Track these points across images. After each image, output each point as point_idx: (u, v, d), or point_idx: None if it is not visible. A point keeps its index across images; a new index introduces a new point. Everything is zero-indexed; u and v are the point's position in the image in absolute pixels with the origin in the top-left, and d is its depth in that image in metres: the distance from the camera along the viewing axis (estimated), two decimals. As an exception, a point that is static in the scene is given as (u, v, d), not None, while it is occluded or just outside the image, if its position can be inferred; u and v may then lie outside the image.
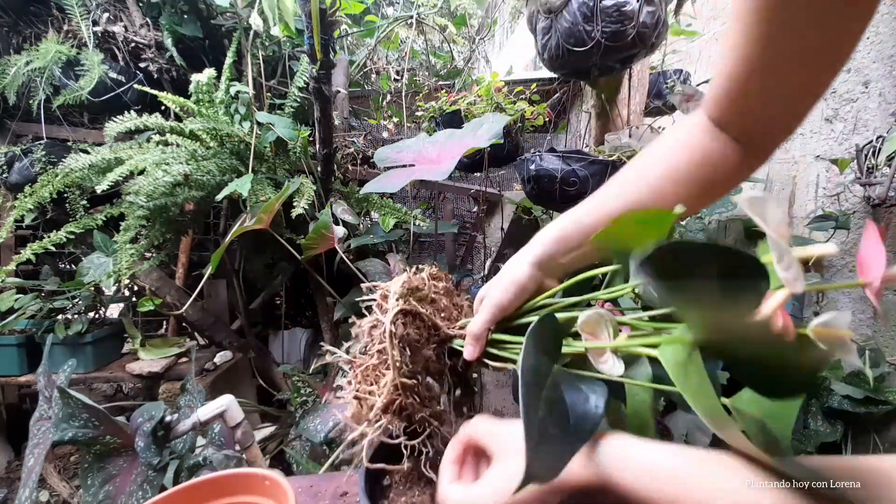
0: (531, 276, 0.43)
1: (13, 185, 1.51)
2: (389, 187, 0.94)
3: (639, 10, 1.03)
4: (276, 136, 1.38)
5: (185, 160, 1.27)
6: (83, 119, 1.75)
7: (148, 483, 0.73)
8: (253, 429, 0.93)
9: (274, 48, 1.73)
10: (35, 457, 0.75)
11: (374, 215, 1.78)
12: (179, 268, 1.75)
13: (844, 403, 1.12)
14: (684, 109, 1.29)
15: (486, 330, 0.43)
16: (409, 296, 0.44)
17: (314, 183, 1.41)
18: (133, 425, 0.78)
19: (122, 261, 1.27)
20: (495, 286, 0.44)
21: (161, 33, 1.59)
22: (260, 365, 1.73)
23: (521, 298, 0.43)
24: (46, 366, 0.86)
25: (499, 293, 0.43)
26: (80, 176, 1.33)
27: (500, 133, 1.01)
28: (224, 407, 0.83)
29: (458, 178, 2.39)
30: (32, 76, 1.48)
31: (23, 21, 1.60)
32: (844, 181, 1.33)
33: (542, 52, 1.18)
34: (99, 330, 1.48)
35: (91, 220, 1.41)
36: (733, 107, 0.40)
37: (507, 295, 0.43)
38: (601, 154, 1.19)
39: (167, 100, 1.36)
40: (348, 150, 1.86)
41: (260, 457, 0.90)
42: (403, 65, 2.10)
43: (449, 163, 0.95)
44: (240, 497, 0.49)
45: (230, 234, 1.21)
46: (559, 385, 0.33)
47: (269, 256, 1.72)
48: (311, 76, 1.30)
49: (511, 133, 1.63)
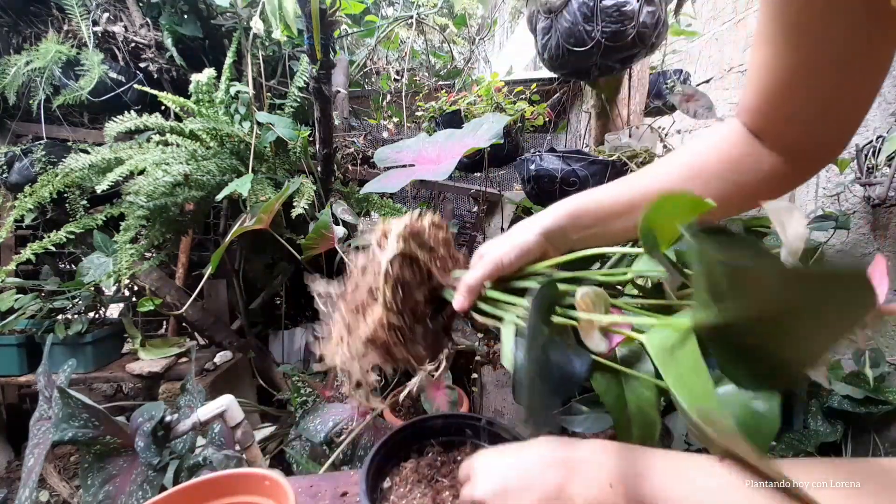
0: (536, 243, 0.43)
1: (13, 185, 1.51)
2: (389, 187, 0.93)
3: (639, 10, 1.03)
4: (276, 136, 1.38)
5: (185, 160, 1.27)
6: (83, 119, 1.75)
7: (148, 483, 0.73)
8: (253, 429, 0.93)
9: (274, 48, 1.73)
10: (35, 457, 0.75)
11: (374, 215, 1.78)
12: (179, 268, 1.75)
13: (844, 403, 1.12)
14: (684, 109, 1.29)
15: (480, 283, 0.43)
16: (410, 238, 0.44)
17: (314, 183, 1.41)
18: (133, 425, 0.78)
19: (122, 261, 1.27)
20: (498, 244, 0.44)
21: (161, 33, 1.59)
22: (260, 365, 1.73)
23: (521, 261, 0.43)
24: (46, 366, 0.86)
25: (501, 251, 0.43)
26: (80, 176, 1.33)
27: (500, 133, 1.01)
28: (224, 407, 0.83)
29: (458, 178, 2.39)
30: (32, 76, 1.48)
31: (23, 21, 1.60)
32: (844, 181, 1.33)
33: (542, 52, 1.18)
34: (99, 330, 1.48)
35: (91, 220, 1.41)
36: (775, 118, 0.39)
37: (509, 254, 0.43)
38: (601, 154, 1.19)
39: (167, 100, 1.36)
40: (348, 150, 1.86)
41: (260, 457, 0.90)
42: (403, 65, 2.10)
43: (449, 163, 0.95)
44: (240, 497, 0.49)
45: (230, 234, 1.21)
46: (548, 347, 0.34)
47: (269, 256, 1.72)
48: (311, 76, 1.30)
49: (511, 133, 1.64)
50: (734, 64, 1.72)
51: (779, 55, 0.35)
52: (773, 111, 0.39)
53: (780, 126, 0.39)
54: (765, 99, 0.39)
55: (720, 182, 0.41)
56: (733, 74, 1.73)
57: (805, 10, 0.32)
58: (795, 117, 0.38)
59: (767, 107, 0.39)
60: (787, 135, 0.39)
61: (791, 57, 0.35)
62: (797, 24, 0.33)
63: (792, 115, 0.38)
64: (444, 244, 0.48)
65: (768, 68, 0.37)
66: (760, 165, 0.41)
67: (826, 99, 0.36)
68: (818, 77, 0.35)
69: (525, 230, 0.44)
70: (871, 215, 1.26)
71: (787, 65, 0.35)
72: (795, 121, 0.38)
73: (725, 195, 0.41)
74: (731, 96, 1.73)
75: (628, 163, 1.15)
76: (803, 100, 0.37)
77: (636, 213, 0.40)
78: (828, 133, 0.39)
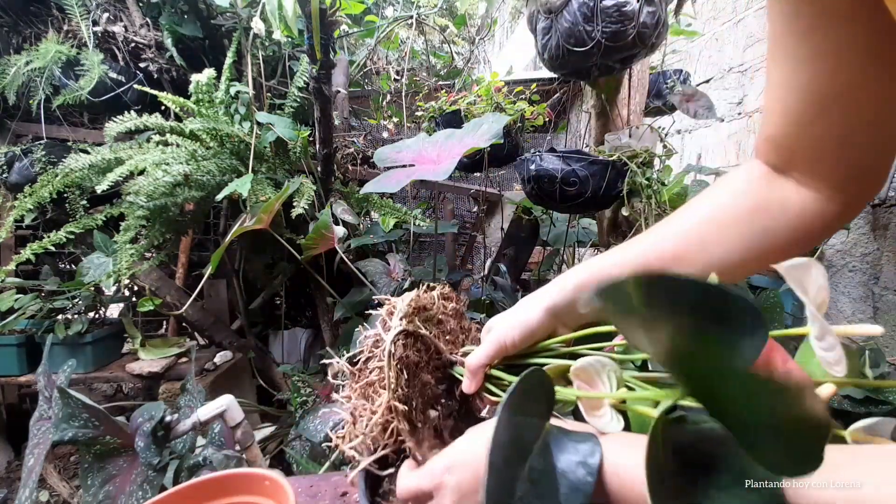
0: (541, 322, 0.40)
1: (13, 185, 1.51)
2: (389, 187, 0.94)
3: (639, 10, 1.03)
4: (276, 136, 1.38)
5: (185, 160, 1.27)
6: (83, 119, 1.75)
7: (148, 483, 0.73)
8: (253, 429, 0.93)
9: (274, 48, 1.73)
10: (35, 457, 0.75)
11: (374, 215, 1.78)
12: (179, 268, 1.75)
13: (844, 403, 1.12)
14: (684, 109, 1.29)
15: (483, 366, 0.41)
16: (415, 315, 0.43)
17: (314, 183, 1.41)
18: (133, 425, 0.78)
19: (122, 261, 1.27)
20: (503, 323, 0.42)
21: (161, 33, 1.59)
22: (260, 365, 1.73)
23: (526, 341, 0.40)
24: (46, 366, 0.86)
25: (503, 332, 0.40)
26: (80, 176, 1.33)
27: (499, 133, 1.01)
28: (224, 407, 0.83)
29: (458, 178, 2.40)
30: (32, 76, 1.48)
31: (23, 21, 1.60)
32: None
33: (542, 52, 1.18)
34: (99, 330, 1.48)
35: (91, 221, 1.41)
36: (801, 149, 0.34)
37: (511, 335, 0.40)
38: (601, 154, 1.19)
39: (167, 100, 1.36)
40: (348, 150, 1.86)
41: (260, 457, 0.90)
42: (403, 65, 2.10)
43: (449, 163, 0.95)
44: (240, 497, 0.49)
45: (230, 234, 1.21)
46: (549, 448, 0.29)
47: (269, 256, 1.72)
48: (311, 76, 1.30)
49: (511, 133, 1.64)
50: (734, 64, 1.72)
51: (801, 69, 0.31)
52: (803, 132, 0.33)
53: (810, 152, 0.34)
54: (792, 120, 0.34)
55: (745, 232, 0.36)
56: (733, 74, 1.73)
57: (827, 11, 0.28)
58: (830, 137, 0.32)
59: (796, 129, 0.34)
60: (820, 161, 0.34)
61: (818, 68, 0.30)
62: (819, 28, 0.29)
63: (825, 136, 0.33)
64: (454, 316, 0.47)
65: (791, 87, 0.32)
66: (788, 205, 0.36)
67: (868, 110, 0.30)
68: (855, 89, 0.29)
69: (530, 307, 0.41)
70: (871, 215, 1.26)
71: (812, 79, 0.30)
72: (830, 141, 0.33)
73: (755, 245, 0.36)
74: (731, 96, 1.73)
75: (628, 163, 1.15)
76: (840, 115, 0.31)
77: None
78: (868, 153, 0.33)
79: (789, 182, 0.36)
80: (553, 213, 1.82)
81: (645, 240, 0.41)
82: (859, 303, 1.33)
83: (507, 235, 1.93)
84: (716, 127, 1.80)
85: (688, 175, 1.36)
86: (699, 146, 1.93)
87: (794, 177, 0.36)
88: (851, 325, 0.24)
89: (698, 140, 1.94)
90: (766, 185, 0.37)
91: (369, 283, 1.35)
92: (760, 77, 1.58)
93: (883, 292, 1.22)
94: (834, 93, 0.30)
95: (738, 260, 0.36)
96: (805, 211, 0.35)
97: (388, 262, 1.45)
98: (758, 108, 1.59)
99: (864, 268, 1.25)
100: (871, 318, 1.29)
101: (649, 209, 1.14)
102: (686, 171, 1.35)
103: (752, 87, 1.62)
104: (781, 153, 0.36)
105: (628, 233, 1.25)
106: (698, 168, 1.28)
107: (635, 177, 1.14)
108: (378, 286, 1.36)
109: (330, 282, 1.50)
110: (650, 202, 1.14)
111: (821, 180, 0.35)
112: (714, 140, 1.83)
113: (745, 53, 1.66)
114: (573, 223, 1.77)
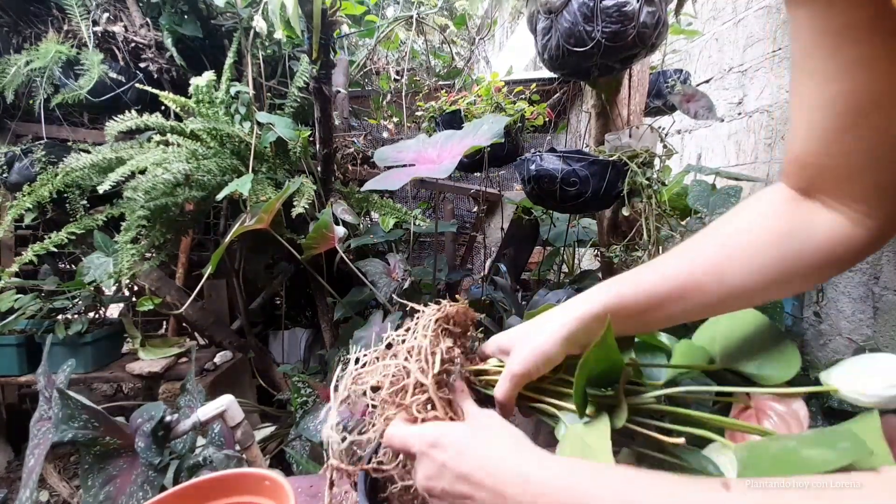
0: (560, 354, 0.40)
1: (13, 185, 1.51)
2: (390, 185, 0.94)
3: (639, 10, 1.03)
4: (277, 136, 1.38)
5: (185, 160, 1.27)
6: (83, 119, 1.75)
7: (148, 483, 0.73)
8: (253, 429, 0.93)
9: (274, 48, 1.73)
10: (35, 457, 0.75)
11: (374, 215, 1.78)
12: (179, 268, 1.75)
13: (844, 404, 1.12)
14: (684, 109, 1.29)
15: (512, 398, 0.42)
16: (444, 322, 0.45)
17: (314, 183, 1.41)
18: (133, 426, 0.78)
19: (123, 261, 1.27)
20: (521, 350, 0.41)
21: (161, 33, 1.59)
22: (260, 365, 1.73)
23: (545, 370, 0.41)
24: (46, 366, 0.85)
25: (525, 363, 0.40)
26: (81, 175, 1.33)
27: (500, 133, 1.01)
28: (224, 407, 0.83)
29: (458, 178, 2.40)
30: (32, 76, 1.48)
31: (23, 21, 1.60)
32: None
33: (542, 52, 1.18)
34: (99, 330, 1.48)
35: (91, 221, 1.41)
36: (829, 167, 0.33)
37: (533, 366, 0.40)
38: (601, 154, 1.19)
39: (167, 99, 1.36)
40: (348, 150, 1.86)
41: (260, 457, 0.90)
42: (403, 65, 2.10)
43: (449, 161, 0.95)
44: (240, 497, 0.49)
45: (230, 234, 1.21)
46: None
47: (270, 256, 1.72)
48: (311, 76, 1.30)
49: (511, 133, 1.63)
50: (734, 64, 1.72)
51: (828, 85, 0.30)
52: (831, 148, 0.32)
53: (838, 170, 0.33)
54: (819, 136, 0.32)
55: (769, 258, 0.35)
56: (733, 74, 1.73)
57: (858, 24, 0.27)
58: (859, 152, 0.31)
59: (824, 146, 0.32)
60: (849, 179, 0.33)
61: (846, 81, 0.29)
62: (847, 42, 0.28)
63: (854, 151, 0.31)
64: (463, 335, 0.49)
65: (817, 104, 0.31)
66: (814, 229, 0.34)
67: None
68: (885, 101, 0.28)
69: (549, 337, 0.40)
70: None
71: (839, 93, 0.30)
72: (859, 158, 0.31)
73: (779, 271, 0.35)
74: (730, 96, 1.73)
75: (629, 163, 1.15)
76: (868, 129, 0.30)
77: (669, 306, 0.38)
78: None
79: (816, 205, 0.35)
80: (553, 213, 1.82)
81: (665, 261, 0.40)
82: (859, 303, 1.33)
83: (506, 235, 1.93)
84: (715, 127, 1.80)
85: (688, 175, 1.36)
86: (699, 146, 1.93)
87: (822, 199, 0.34)
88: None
89: (698, 140, 1.94)
90: (792, 209, 0.35)
91: (369, 283, 1.35)
92: (760, 77, 1.58)
93: (883, 292, 1.22)
94: (862, 106, 0.29)
95: (760, 287, 0.36)
96: (833, 236, 0.34)
97: (388, 262, 1.45)
98: (758, 108, 1.59)
99: (864, 268, 1.25)
100: (871, 318, 1.29)
101: (649, 209, 1.14)
102: (686, 170, 1.35)
103: (751, 87, 1.62)
104: (808, 172, 0.34)
105: (628, 232, 1.25)
106: (698, 168, 1.28)
107: (635, 177, 1.14)
108: (378, 286, 1.36)
109: (330, 282, 1.50)
110: (650, 202, 1.14)
111: (850, 201, 0.33)
112: (714, 140, 1.83)
113: (745, 53, 1.66)
114: (573, 223, 1.77)
